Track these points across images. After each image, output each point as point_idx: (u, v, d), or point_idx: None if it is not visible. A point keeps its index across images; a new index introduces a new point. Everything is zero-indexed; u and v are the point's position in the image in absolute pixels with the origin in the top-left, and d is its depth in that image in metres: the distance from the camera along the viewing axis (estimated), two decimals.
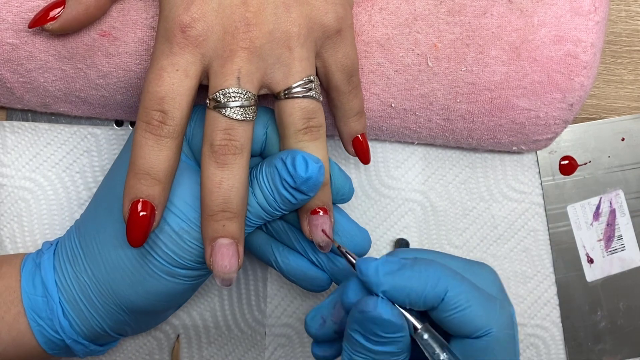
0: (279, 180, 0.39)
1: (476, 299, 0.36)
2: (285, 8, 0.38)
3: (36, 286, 0.42)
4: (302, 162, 0.38)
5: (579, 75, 0.44)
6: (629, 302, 0.51)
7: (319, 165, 0.39)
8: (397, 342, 0.36)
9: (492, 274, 0.39)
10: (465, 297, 0.35)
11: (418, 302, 0.36)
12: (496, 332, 0.35)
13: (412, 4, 0.44)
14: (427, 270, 0.36)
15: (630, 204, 0.51)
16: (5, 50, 0.42)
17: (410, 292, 0.36)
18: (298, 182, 0.38)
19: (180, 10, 0.37)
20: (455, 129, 0.47)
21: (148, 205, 0.37)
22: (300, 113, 0.39)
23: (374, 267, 0.36)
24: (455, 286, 0.36)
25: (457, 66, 0.44)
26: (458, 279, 0.36)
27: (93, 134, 0.49)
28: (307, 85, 0.39)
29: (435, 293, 0.35)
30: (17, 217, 0.49)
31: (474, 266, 0.39)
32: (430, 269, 0.36)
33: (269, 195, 0.39)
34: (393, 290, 0.36)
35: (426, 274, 0.36)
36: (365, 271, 0.36)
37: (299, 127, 0.39)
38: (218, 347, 0.51)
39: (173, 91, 0.37)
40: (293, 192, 0.39)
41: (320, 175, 0.39)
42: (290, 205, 0.40)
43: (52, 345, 0.42)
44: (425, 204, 0.51)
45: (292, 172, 0.38)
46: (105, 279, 0.41)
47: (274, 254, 0.44)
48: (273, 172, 0.39)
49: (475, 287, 0.36)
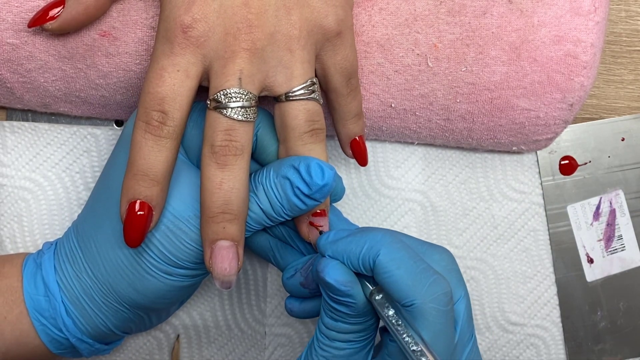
0: (289, 188, 0.39)
1: (407, 268, 0.36)
2: (286, 10, 0.38)
3: (38, 286, 0.42)
4: (318, 169, 0.38)
5: (579, 75, 0.44)
6: (629, 302, 0.51)
7: (334, 172, 0.39)
8: (347, 305, 0.37)
9: (447, 255, 0.40)
10: (395, 264, 0.36)
11: (356, 264, 0.37)
12: (420, 304, 0.36)
13: (412, 4, 0.43)
14: (367, 235, 0.38)
15: (630, 204, 0.51)
16: (5, 50, 0.42)
17: (350, 255, 0.37)
18: (313, 190, 0.38)
19: (182, 11, 0.37)
20: (455, 129, 0.47)
21: (146, 205, 0.37)
22: (305, 115, 0.39)
23: (325, 237, 0.39)
24: (388, 252, 0.37)
25: (457, 66, 0.44)
26: (395, 247, 0.37)
27: (93, 134, 0.49)
28: (310, 87, 0.39)
29: (369, 255, 0.37)
30: (17, 217, 0.49)
31: (430, 247, 0.40)
32: (370, 234, 0.38)
33: (276, 202, 0.39)
34: (335, 254, 0.38)
35: (364, 239, 0.37)
36: (318, 241, 0.39)
37: (305, 129, 0.39)
38: (218, 347, 0.51)
39: (174, 92, 0.37)
40: (305, 199, 0.39)
41: (334, 182, 0.39)
42: (299, 211, 0.40)
43: (56, 345, 0.42)
44: (425, 204, 0.51)
45: (308, 179, 0.38)
46: (105, 278, 0.41)
47: (273, 251, 0.44)
48: (283, 180, 0.39)
49: (411, 259, 0.37)
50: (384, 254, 0.36)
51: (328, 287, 0.37)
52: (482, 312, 0.51)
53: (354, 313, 0.38)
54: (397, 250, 0.37)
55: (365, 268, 0.37)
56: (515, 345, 0.52)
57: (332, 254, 0.38)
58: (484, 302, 0.51)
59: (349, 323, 0.38)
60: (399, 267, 0.36)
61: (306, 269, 0.42)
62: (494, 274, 0.51)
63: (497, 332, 0.51)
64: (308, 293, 0.42)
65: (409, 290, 0.36)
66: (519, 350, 0.52)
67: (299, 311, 0.43)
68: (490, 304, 0.51)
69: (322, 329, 0.39)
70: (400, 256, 0.37)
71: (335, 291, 0.37)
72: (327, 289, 0.38)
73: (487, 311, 0.51)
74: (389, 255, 0.36)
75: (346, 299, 0.37)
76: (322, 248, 0.39)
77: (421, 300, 0.36)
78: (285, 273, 0.43)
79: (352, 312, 0.38)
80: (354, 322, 0.38)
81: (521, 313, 0.51)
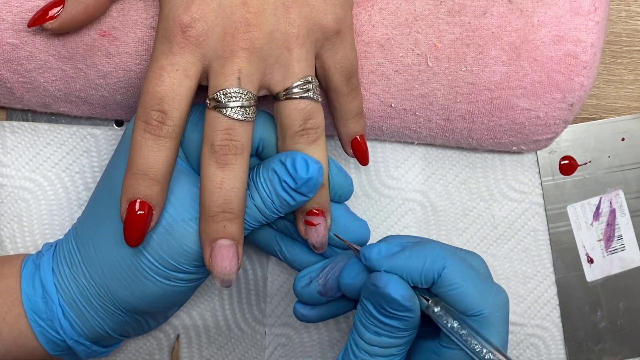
0: (277, 182, 0.39)
1: (472, 279, 0.37)
2: (284, 9, 0.38)
3: (36, 287, 0.42)
4: (302, 163, 0.38)
5: (579, 75, 0.44)
6: (629, 302, 0.51)
7: (319, 166, 0.39)
8: (403, 320, 0.37)
9: (482, 261, 0.40)
10: (461, 276, 0.37)
11: (418, 278, 0.37)
12: (488, 313, 0.36)
13: (412, 4, 0.44)
14: (427, 248, 0.38)
15: (630, 204, 0.51)
16: (5, 50, 0.42)
17: (411, 270, 0.37)
18: (299, 183, 0.38)
19: (181, 10, 0.37)
20: (455, 129, 0.47)
21: (146, 205, 0.37)
22: (297, 114, 0.39)
23: (377, 251, 0.38)
24: (452, 264, 0.37)
25: (457, 66, 0.44)
26: (456, 258, 0.37)
27: (93, 135, 0.49)
28: (305, 86, 0.39)
29: (434, 269, 0.37)
30: (17, 217, 0.49)
31: (467, 253, 0.40)
32: (429, 247, 0.38)
33: (266, 197, 0.39)
34: (394, 269, 0.37)
35: (425, 252, 0.37)
36: (369, 256, 0.38)
37: (296, 128, 0.39)
38: (218, 347, 0.51)
39: (173, 91, 0.37)
40: (292, 194, 0.39)
41: (320, 176, 0.39)
42: (288, 207, 0.40)
43: (53, 346, 0.42)
44: (425, 204, 0.51)
45: (293, 173, 0.38)
46: (103, 281, 0.41)
47: (279, 244, 0.44)
48: (271, 174, 0.39)
49: (471, 268, 0.37)
50: (449, 267, 0.37)
51: (390, 303, 0.37)
52: None
53: (406, 327, 0.37)
54: (459, 263, 0.37)
55: (426, 282, 0.37)
56: (515, 345, 0.52)
57: (389, 269, 0.37)
58: None
59: (394, 337, 0.38)
60: (465, 279, 0.37)
61: (324, 277, 0.41)
62: (494, 274, 0.51)
63: None
64: (325, 300, 0.42)
65: (476, 301, 0.36)
66: (519, 350, 0.52)
67: (312, 316, 0.43)
68: None
69: (362, 344, 0.38)
70: (463, 268, 0.37)
71: (398, 307, 0.37)
72: (389, 304, 0.37)
73: None
74: (454, 268, 0.37)
75: (406, 314, 0.37)
76: (375, 263, 0.38)
77: (489, 310, 0.36)
78: (299, 282, 0.42)
79: (405, 327, 0.37)
80: (401, 335, 0.38)
81: (521, 313, 0.51)
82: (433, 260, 0.37)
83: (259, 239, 0.45)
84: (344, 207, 0.44)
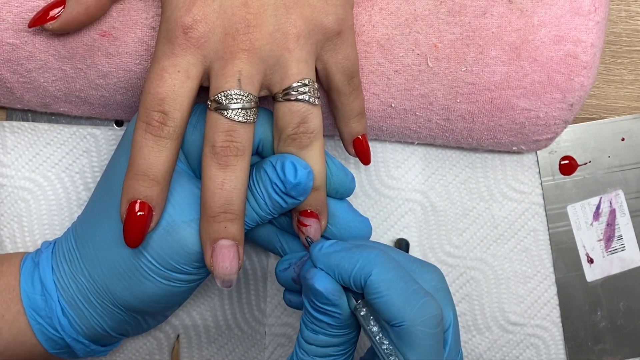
0: (269, 185, 0.39)
1: (397, 289, 0.37)
2: (285, 10, 0.38)
3: (35, 285, 0.42)
4: (291, 167, 0.39)
5: (579, 75, 0.44)
6: (629, 302, 0.51)
7: (308, 171, 0.39)
8: (332, 316, 0.38)
9: (437, 275, 0.40)
10: (386, 285, 0.37)
11: (347, 280, 0.37)
12: (408, 326, 0.36)
13: (412, 4, 0.43)
14: (361, 253, 0.38)
15: (630, 204, 0.51)
16: (5, 50, 0.42)
17: (341, 271, 0.37)
18: (288, 187, 0.39)
19: (182, 12, 0.37)
20: (455, 129, 0.47)
21: (146, 205, 0.37)
22: (291, 116, 0.39)
23: (318, 248, 0.39)
24: (380, 272, 0.37)
25: (457, 66, 0.44)
26: (388, 267, 0.37)
27: (92, 135, 0.49)
28: (302, 88, 0.39)
29: (362, 274, 0.37)
30: (17, 217, 0.49)
31: (421, 265, 0.40)
32: (364, 252, 0.38)
33: (260, 198, 0.39)
34: (327, 267, 0.38)
35: (358, 257, 0.38)
36: (311, 250, 0.39)
37: (289, 131, 0.39)
38: (218, 347, 0.51)
39: (174, 92, 0.37)
40: (283, 197, 0.39)
41: (310, 181, 0.39)
42: (281, 208, 0.40)
43: (52, 344, 0.42)
44: (425, 204, 0.51)
45: (282, 177, 0.39)
46: (102, 280, 0.41)
47: (280, 241, 0.44)
48: (264, 176, 0.39)
49: (402, 280, 0.37)
50: (375, 275, 0.37)
51: (315, 294, 0.38)
52: (482, 312, 0.51)
53: (337, 324, 0.38)
54: (389, 271, 0.37)
55: (356, 286, 0.37)
56: (515, 345, 0.52)
57: (323, 267, 0.38)
58: (484, 302, 0.51)
59: (329, 335, 0.38)
60: (390, 288, 0.36)
61: (300, 265, 0.42)
62: (494, 274, 0.51)
63: (497, 332, 0.51)
64: (298, 288, 0.42)
65: (398, 312, 0.36)
66: (519, 350, 0.52)
67: (298, 303, 0.43)
68: (490, 304, 0.51)
69: (302, 344, 0.39)
70: (391, 277, 0.37)
71: (323, 299, 0.37)
72: (314, 296, 0.38)
73: (487, 311, 0.51)
74: (380, 276, 0.37)
75: (332, 308, 0.38)
76: (314, 258, 0.39)
77: (410, 322, 0.36)
78: (279, 265, 0.43)
79: (336, 323, 0.38)
80: (335, 334, 0.38)
81: (521, 313, 0.51)
82: (363, 266, 0.37)
83: (260, 236, 0.45)
84: (346, 203, 0.44)
